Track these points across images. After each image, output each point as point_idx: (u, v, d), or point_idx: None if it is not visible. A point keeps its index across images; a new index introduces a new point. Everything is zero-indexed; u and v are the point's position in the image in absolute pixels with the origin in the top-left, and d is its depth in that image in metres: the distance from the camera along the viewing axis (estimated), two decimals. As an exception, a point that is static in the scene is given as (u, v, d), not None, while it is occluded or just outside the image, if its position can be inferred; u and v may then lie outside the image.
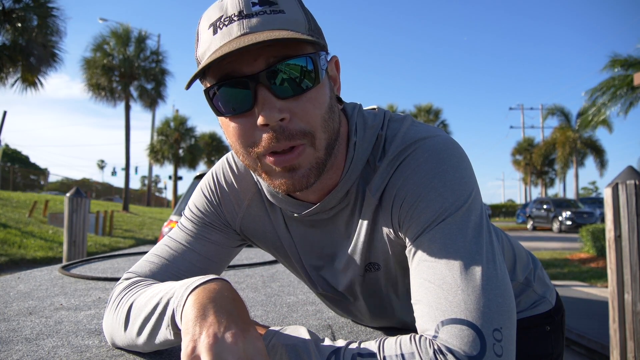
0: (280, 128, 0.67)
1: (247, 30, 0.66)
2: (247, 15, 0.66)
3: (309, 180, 0.71)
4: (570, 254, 11.06)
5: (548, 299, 1.14)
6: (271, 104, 0.65)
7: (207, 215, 0.93)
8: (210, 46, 0.68)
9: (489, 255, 0.68)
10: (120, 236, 14.02)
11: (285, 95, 0.67)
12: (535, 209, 22.42)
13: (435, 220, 0.70)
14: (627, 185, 3.23)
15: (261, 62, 0.66)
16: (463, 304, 0.62)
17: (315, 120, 0.69)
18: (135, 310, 0.76)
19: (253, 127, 0.68)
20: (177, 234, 0.93)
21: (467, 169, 0.75)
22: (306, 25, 0.70)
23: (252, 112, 0.68)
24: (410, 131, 0.79)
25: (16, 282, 1.62)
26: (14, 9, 12.69)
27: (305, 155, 0.70)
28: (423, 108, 34.72)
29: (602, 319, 4.62)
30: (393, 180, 0.76)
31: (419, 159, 0.74)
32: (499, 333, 0.62)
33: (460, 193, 0.71)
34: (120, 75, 22.30)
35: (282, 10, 0.68)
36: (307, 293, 1.54)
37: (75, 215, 6.27)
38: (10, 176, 27.88)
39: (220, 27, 0.67)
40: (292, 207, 0.85)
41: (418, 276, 0.69)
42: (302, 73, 0.67)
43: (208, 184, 0.94)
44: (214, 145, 35.29)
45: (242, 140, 0.70)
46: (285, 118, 0.66)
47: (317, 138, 0.70)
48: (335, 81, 0.78)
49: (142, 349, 0.80)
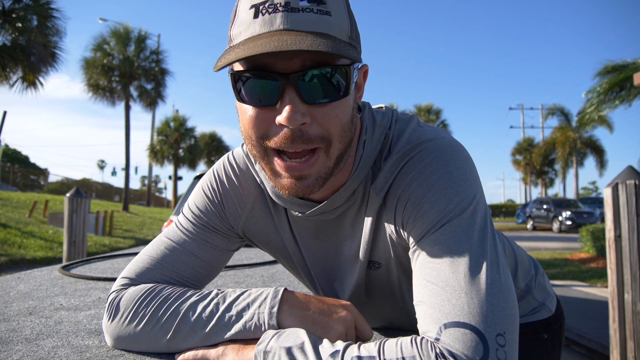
0: (300, 131, 0.67)
1: (290, 26, 0.64)
2: (293, 8, 0.64)
3: (314, 189, 0.72)
4: (570, 254, 11.05)
5: (548, 306, 1.13)
6: (296, 106, 0.65)
7: (209, 216, 0.90)
8: (247, 29, 0.66)
9: (493, 259, 0.67)
10: (120, 236, 14.01)
11: (312, 101, 0.66)
12: (535, 209, 22.40)
13: (439, 222, 0.69)
14: (627, 185, 3.23)
15: (296, 63, 0.65)
16: (466, 307, 0.62)
17: (335, 130, 0.69)
18: (196, 319, 0.74)
19: (271, 122, 0.68)
20: (176, 236, 0.89)
21: (472, 172, 0.74)
22: (349, 33, 0.68)
23: (274, 108, 0.67)
24: (416, 132, 0.79)
25: (16, 282, 1.62)
26: (14, 9, 12.68)
27: (317, 164, 0.69)
28: (423, 108, 34.68)
29: (602, 319, 4.62)
30: (397, 180, 0.76)
31: (424, 160, 0.74)
32: (502, 338, 0.61)
33: (465, 195, 0.71)
34: (120, 75, 22.29)
35: (328, 12, 0.66)
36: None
37: (75, 215, 6.27)
38: (11, 176, 27.86)
39: (262, 12, 0.65)
40: (297, 206, 0.84)
41: (421, 277, 0.68)
42: (333, 83, 0.66)
43: (210, 182, 0.91)
44: (214, 146, 35.26)
45: (257, 131, 0.69)
46: (306, 123, 0.66)
47: (332, 146, 0.69)
48: (359, 89, 0.77)
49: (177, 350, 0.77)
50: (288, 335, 0.67)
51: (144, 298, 0.79)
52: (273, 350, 0.65)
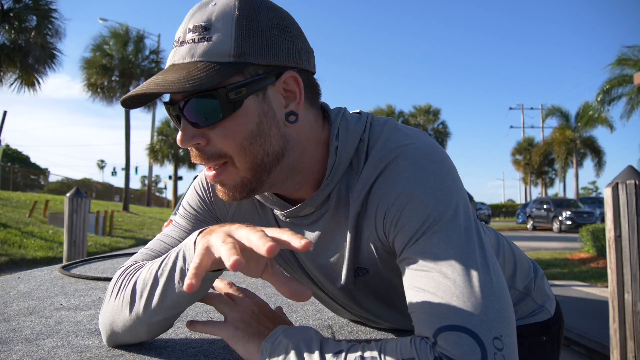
0: (198, 150, 0.72)
1: (175, 61, 0.70)
2: (183, 42, 0.69)
3: (235, 196, 0.75)
4: (570, 254, 11.06)
5: (547, 308, 1.12)
6: (186, 130, 0.71)
7: (200, 212, 0.94)
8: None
9: (481, 260, 0.66)
10: (120, 236, 14.02)
11: (198, 126, 0.70)
12: (535, 209, 22.40)
13: (420, 229, 0.69)
14: (627, 185, 3.23)
15: (180, 94, 0.70)
16: (460, 310, 0.61)
17: (232, 147, 0.71)
18: (141, 283, 0.78)
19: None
20: (171, 230, 0.94)
21: (448, 174, 0.73)
22: (232, 52, 0.67)
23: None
24: (392, 137, 0.78)
25: (16, 282, 1.62)
26: (13, 8, 12.69)
27: (226, 174, 0.74)
28: (422, 108, 34.72)
29: (602, 319, 4.61)
30: (375, 189, 0.75)
31: (399, 167, 0.73)
32: (499, 341, 0.60)
33: (443, 199, 0.70)
34: (119, 75, 22.32)
35: (209, 38, 0.67)
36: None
37: (76, 215, 6.27)
38: (11, 176, 27.88)
39: (174, 45, 0.72)
40: (276, 205, 0.85)
41: (411, 285, 0.68)
42: (210, 108, 0.69)
43: (200, 181, 0.96)
44: (214, 145, 35.15)
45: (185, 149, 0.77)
46: (200, 143, 0.71)
47: (236, 160, 0.72)
48: (292, 97, 0.75)
49: (149, 325, 0.80)
50: (298, 332, 0.68)
51: (119, 276, 0.85)
52: (281, 345, 0.66)
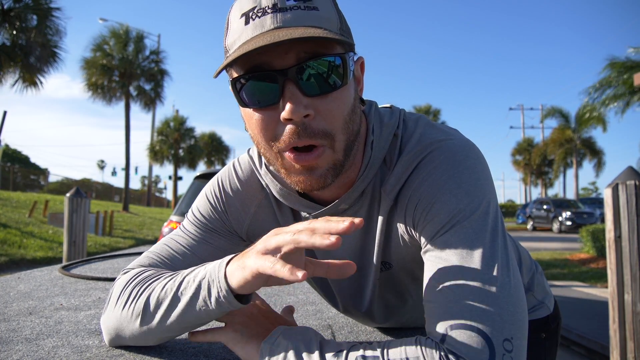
0: (303, 124, 0.67)
1: (281, 24, 0.65)
2: (282, 9, 0.66)
3: (326, 180, 0.72)
4: (570, 254, 11.05)
5: (547, 304, 1.12)
6: (298, 99, 0.66)
7: (211, 221, 0.91)
8: (241, 36, 0.68)
9: (503, 262, 0.66)
10: (120, 236, 14.01)
11: (312, 92, 0.67)
12: (535, 209, 22.38)
13: (449, 223, 0.69)
14: (627, 185, 3.23)
15: (292, 57, 0.66)
16: (474, 309, 0.61)
17: (338, 121, 0.69)
18: (155, 299, 0.74)
19: (276, 121, 0.69)
20: (180, 237, 0.91)
21: (483, 172, 0.74)
22: (338, 24, 0.70)
23: (277, 106, 0.68)
24: (427, 132, 0.78)
25: (16, 282, 1.62)
26: (14, 8, 12.68)
27: (324, 157, 0.70)
28: (422, 109, 34.70)
29: (602, 319, 4.61)
30: (409, 182, 0.76)
31: (435, 161, 0.74)
32: (510, 343, 0.60)
33: (476, 196, 0.70)
34: (119, 75, 22.31)
35: (315, 7, 0.68)
36: (307, 293, 1.54)
37: (75, 215, 6.26)
38: (11, 176, 27.87)
39: (252, 17, 0.67)
40: (305, 207, 0.83)
41: (431, 277, 0.68)
42: (330, 72, 0.67)
43: (213, 190, 0.92)
44: (214, 146, 35.20)
45: (265, 133, 0.70)
46: (309, 115, 0.67)
47: (336, 140, 0.70)
48: (359, 82, 0.78)
49: (161, 338, 0.78)
50: (297, 332, 0.68)
51: (128, 282, 0.81)
52: (280, 346, 0.66)
